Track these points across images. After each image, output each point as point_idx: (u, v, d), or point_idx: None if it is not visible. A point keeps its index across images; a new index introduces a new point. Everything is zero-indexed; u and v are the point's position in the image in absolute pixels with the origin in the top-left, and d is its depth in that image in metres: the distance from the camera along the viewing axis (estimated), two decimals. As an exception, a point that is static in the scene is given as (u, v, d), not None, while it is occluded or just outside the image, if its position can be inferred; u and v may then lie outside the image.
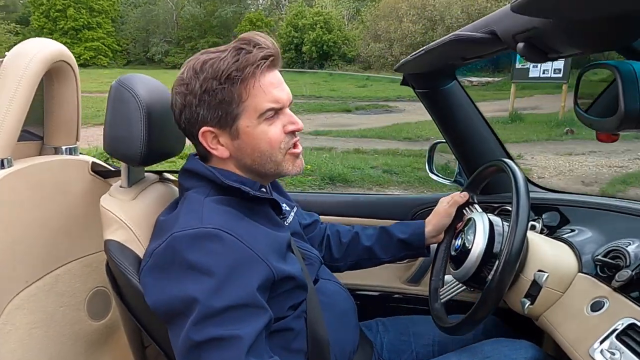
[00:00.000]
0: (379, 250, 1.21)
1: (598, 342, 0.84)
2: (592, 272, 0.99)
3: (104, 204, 0.97)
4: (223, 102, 0.87)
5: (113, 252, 0.91)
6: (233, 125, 0.89)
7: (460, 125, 1.45)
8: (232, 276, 0.79)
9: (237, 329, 0.76)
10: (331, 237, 1.25)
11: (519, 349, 1.02)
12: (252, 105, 0.87)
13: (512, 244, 0.91)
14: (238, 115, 0.88)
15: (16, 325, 0.99)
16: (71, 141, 1.20)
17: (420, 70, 1.35)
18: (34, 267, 1.05)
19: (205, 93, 0.86)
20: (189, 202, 0.90)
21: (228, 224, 0.83)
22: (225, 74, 0.85)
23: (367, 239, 1.23)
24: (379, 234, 1.22)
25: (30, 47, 1.00)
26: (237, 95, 0.86)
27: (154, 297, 0.82)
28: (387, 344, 1.21)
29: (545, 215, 1.29)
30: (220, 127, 0.89)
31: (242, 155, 0.92)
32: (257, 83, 0.87)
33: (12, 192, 0.97)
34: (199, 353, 0.76)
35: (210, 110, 0.87)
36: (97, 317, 1.24)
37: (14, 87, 0.95)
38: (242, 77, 0.85)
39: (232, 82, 0.85)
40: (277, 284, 0.86)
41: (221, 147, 0.92)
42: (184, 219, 0.84)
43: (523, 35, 0.71)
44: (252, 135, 0.90)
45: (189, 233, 0.81)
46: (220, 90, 0.86)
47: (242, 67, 0.85)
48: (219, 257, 0.79)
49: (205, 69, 0.86)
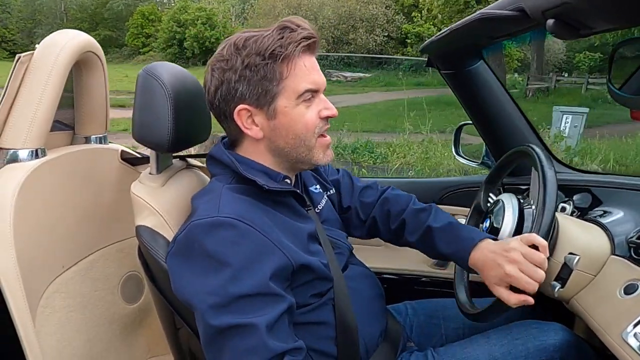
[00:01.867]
0: (422, 249, 1.13)
1: (632, 326, 0.82)
2: (625, 254, 0.97)
3: (135, 191, 0.99)
4: (264, 78, 0.87)
5: (144, 237, 0.94)
6: (271, 105, 0.89)
7: (488, 107, 1.42)
8: (247, 265, 0.80)
9: (253, 317, 0.77)
10: (379, 220, 1.16)
11: (549, 331, 1.01)
12: (291, 85, 0.88)
13: (540, 227, 0.89)
14: (277, 94, 0.88)
15: (55, 308, 1.03)
16: (101, 130, 1.22)
17: (446, 51, 1.32)
18: (70, 252, 1.09)
19: (246, 68, 0.86)
20: (209, 190, 0.92)
21: (244, 212, 0.84)
22: (270, 49, 0.85)
23: (412, 232, 1.11)
24: (423, 235, 1.09)
25: (59, 38, 1.02)
26: (279, 73, 0.87)
27: (176, 284, 0.85)
28: (416, 327, 1.21)
29: (576, 197, 1.27)
30: (257, 105, 0.89)
31: (276, 137, 0.92)
32: (299, 62, 0.87)
33: (46, 180, 1.00)
34: (222, 341, 0.78)
35: (250, 86, 0.87)
36: (131, 300, 1.28)
37: (45, 79, 0.98)
38: (285, 54, 0.85)
39: (275, 59, 0.86)
40: (298, 274, 0.87)
41: (255, 128, 0.91)
42: (202, 207, 0.87)
43: (553, 11, 0.69)
44: (289, 115, 0.89)
45: (206, 222, 0.82)
46: (262, 67, 0.86)
47: (286, 44, 0.85)
48: (234, 246, 0.81)
49: (249, 45, 0.86)
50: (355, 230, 1.20)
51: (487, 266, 0.94)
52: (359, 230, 1.20)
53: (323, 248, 0.96)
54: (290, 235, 0.88)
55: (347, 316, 0.94)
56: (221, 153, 0.95)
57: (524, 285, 0.87)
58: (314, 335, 0.91)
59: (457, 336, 1.17)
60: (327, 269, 0.93)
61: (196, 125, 1.06)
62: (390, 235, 1.17)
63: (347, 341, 0.94)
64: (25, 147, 0.97)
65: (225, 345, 0.78)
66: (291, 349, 0.80)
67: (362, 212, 1.18)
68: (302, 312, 0.89)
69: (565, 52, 19.72)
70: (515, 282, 0.88)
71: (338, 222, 1.12)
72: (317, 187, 1.10)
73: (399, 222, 1.13)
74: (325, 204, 1.09)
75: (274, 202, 0.92)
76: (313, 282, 0.91)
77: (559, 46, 18.26)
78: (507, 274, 0.89)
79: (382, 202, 1.17)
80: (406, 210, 1.13)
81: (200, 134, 1.08)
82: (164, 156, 1.07)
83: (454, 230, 1.05)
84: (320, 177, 1.15)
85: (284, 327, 0.81)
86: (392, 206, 1.15)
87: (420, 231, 1.09)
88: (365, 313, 1.00)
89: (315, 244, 0.95)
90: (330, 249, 0.98)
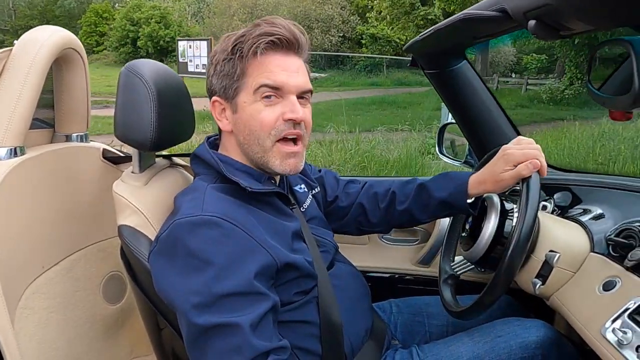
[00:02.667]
0: (417, 212, 1.14)
1: (610, 321, 0.84)
2: (604, 252, 0.99)
3: (117, 190, 0.98)
4: (228, 74, 0.91)
5: (127, 237, 0.93)
6: (234, 99, 0.92)
7: (471, 106, 1.43)
8: (231, 264, 0.79)
9: (236, 317, 0.77)
10: (366, 204, 1.18)
11: (531, 328, 1.02)
12: (250, 81, 0.90)
13: (522, 225, 0.91)
14: (238, 89, 0.91)
15: (34, 309, 1.01)
16: (82, 128, 1.21)
17: (429, 51, 1.33)
18: (50, 252, 1.07)
19: (218, 64, 0.92)
20: (193, 189, 0.91)
21: (228, 212, 0.84)
22: (232, 45, 0.90)
23: (405, 199, 1.14)
24: (417, 193, 1.13)
25: (39, 35, 1.00)
26: (240, 69, 0.90)
27: (158, 284, 0.84)
28: (401, 325, 1.22)
29: (556, 196, 1.29)
30: (225, 98, 0.93)
31: (237, 132, 0.94)
32: (260, 58, 0.89)
33: (25, 179, 0.98)
34: (205, 340, 0.78)
35: (218, 80, 0.93)
36: (113, 300, 1.26)
37: (24, 76, 0.96)
38: (245, 50, 0.88)
39: (239, 55, 0.89)
40: (282, 272, 0.86)
41: (225, 120, 0.95)
42: (186, 206, 0.86)
43: (534, 13, 0.70)
44: (247, 111, 0.90)
45: (190, 220, 0.82)
46: (227, 61, 0.91)
47: (246, 41, 0.88)
48: (217, 245, 0.80)
49: (224, 41, 0.93)
50: (342, 222, 1.21)
51: (487, 173, 1.03)
52: (345, 223, 1.21)
53: (308, 246, 0.96)
54: (274, 234, 0.88)
55: (332, 314, 0.94)
56: (205, 153, 0.94)
57: (527, 146, 0.98)
58: (298, 333, 0.91)
59: (441, 334, 1.18)
60: (312, 266, 0.93)
61: (180, 124, 1.05)
62: (379, 215, 1.17)
63: (332, 339, 0.94)
64: (4, 146, 0.95)
65: (209, 345, 0.78)
66: (275, 347, 0.80)
67: (347, 201, 1.20)
68: (286, 310, 0.89)
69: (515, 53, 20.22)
70: (517, 153, 0.97)
71: (323, 220, 1.13)
72: (302, 187, 1.10)
73: (389, 197, 1.16)
74: (310, 203, 1.09)
75: (258, 202, 0.92)
76: (297, 280, 0.91)
77: (509, 48, 18.67)
78: (507, 153, 0.99)
79: (366, 188, 1.21)
80: (392, 185, 1.17)
81: (184, 132, 1.07)
82: (146, 155, 1.06)
83: (445, 176, 1.12)
84: (306, 177, 1.15)
85: (268, 325, 0.81)
86: (378, 188, 1.19)
87: (412, 193, 1.13)
88: (351, 311, 1.00)
89: (299, 242, 0.95)
90: (315, 247, 0.98)
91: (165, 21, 27.50)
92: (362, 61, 20.63)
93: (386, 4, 17.82)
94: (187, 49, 9.92)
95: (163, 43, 26.23)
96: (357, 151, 5.43)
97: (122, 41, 27.98)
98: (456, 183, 1.07)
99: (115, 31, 28.15)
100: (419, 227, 1.61)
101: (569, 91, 12.71)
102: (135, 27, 27.38)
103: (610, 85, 0.81)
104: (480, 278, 1.40)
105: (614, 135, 6.73)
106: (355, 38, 23.86)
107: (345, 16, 23.47)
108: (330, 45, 22.68)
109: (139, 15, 27.58)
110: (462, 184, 1.06)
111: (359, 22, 23.79)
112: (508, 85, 16.80)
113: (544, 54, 18.06)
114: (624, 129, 6.87)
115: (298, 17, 22.29)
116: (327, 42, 22.52)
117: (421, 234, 1.62)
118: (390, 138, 6.70)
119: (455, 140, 1.73)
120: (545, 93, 13.56)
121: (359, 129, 6.35)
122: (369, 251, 1.62)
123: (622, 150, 5.82)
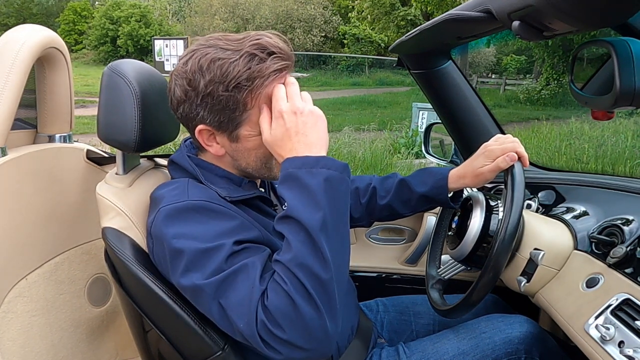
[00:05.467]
0: (399, 206, 1.16)
1: (593, 318, 0.85)
2: (587, 249, 1.01)
3: (100, 192, 0.97)
4: (227, 108, 0.82)
5: (111, 239, 0.92)
6: (234, 131, 0.86)
7: (456, 106, 1.44)
8: (222, 236, 0.78)
9: (241, 260, 0.76)
10: None
11: (514, 324, 1.04)
12: (255, 112, 0.84)
13: (508, 224, 0.92)
14: (240, 123, 0.84)
15: (17, 313, 0.99)
16: (65, 129, 1.19)
17: (415, 51, 1.34)
18: (32, 255, 1.05)
19: (209, 95, 0.81)
20: (174, 182, 0.90)
21: (213, 198, 0.83)
22: (235, 82, 0.80)
23: (385, 194, 1.16)
24: (398, 188, 1.15)
25: (19, 34, 0.98)
26: (242, 104, 0.82)
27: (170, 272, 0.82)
28: (387, 323, 1.23)
29: (540, 194, 1.30)
30: (219, 129, 0.86)
31: (238, 157, 0.90)
32: (266, 91, 0.82)
33: (7, 181, 0.97)
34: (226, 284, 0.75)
35: (212, 113, 0.83)
36: (98, 303, 1.25)
37: (5, 75, 0.94)
38: (251, 88, 0.81)
39: (239, 90, 0.81)
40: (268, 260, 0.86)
41: (217, 145, 0.89)
42: (170, 194, 0.84)
43: (519, 14, 0.71)
44: (252, 141, 0.87)
45: (177, 206, 0.81)
46: (225, 97, 0.81)
47: (252, 78, 0.80)
48: (208, 225, 0.79)
49: (213, 70, 0.80)
50: None
51: (467, 168, 1.07)
52: None
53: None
54: (259, 225, 0.88)
55: None
56: (182, 159, 0.93)
57: (505, 141, 1.03)
58: None
59: (427, 332, 1.19)
60: None
61: (164, 125, 1.03)
62: (361, 210, 1.19)
63: None
64: None
65: (231, 287, 0.75)
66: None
67: None
68: None
69: (495, 54, 20.55)
70: (497, 148, 1.02)
71: None
72: None
73: (369, 192, 1.19)
74: None
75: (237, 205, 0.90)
76: None
77: (490, 49, 18.97)
78: (487, 150, 1.04)
79: None
80: (372, 180, 1.20)
81: (169, 133, 1.06)
82: (130, 156, 1.04)
83: (425, 171, 1.14)
84: None
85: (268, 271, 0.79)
86: (359, 183, 1.21)
87: (392, 188, 1.16)
88: None
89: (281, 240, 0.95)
90: None
91: (145, 20, 27.21)
92: (344, 61, 20.76)
93: (367, 4, 17.91)
94: (163, 48, 9.79)
95: (143, 42, 25.90)
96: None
97: (101, 40, 27.59)
98: (436, 178, 1.11)
99: (94, 30, 27.76)
100: (406, 227, 1.62)
101: (546, 91, 12.97)
102: (114, 26, 27.03)
103: (592, 86, 0.82)
104: (467, 276, 1.41)
105: (580, 135, 6.90)
106: (337, 38, 23.96)
107: (327, 16, 23.59)
108: (313, 45, 22.75)
109: (118, 13, 27.23)
110: (442, 179, 1.10)
111: (341, 22, 23.90)
112: (487, 86, 17.25)
113: (523, 55, 18.40)
114: (590, 128, 7.06)
115: (280, 17, 22.41)
116: (309, 42, 22.57)
117: (408, 233, 1.63)
118: (359, 137, 6.82)
119: (444, 139, 1.75)
120: (522, 93, 13.83)
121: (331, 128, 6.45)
122: (356, 250, 1.62)
123: (586, 149, 6.02)
